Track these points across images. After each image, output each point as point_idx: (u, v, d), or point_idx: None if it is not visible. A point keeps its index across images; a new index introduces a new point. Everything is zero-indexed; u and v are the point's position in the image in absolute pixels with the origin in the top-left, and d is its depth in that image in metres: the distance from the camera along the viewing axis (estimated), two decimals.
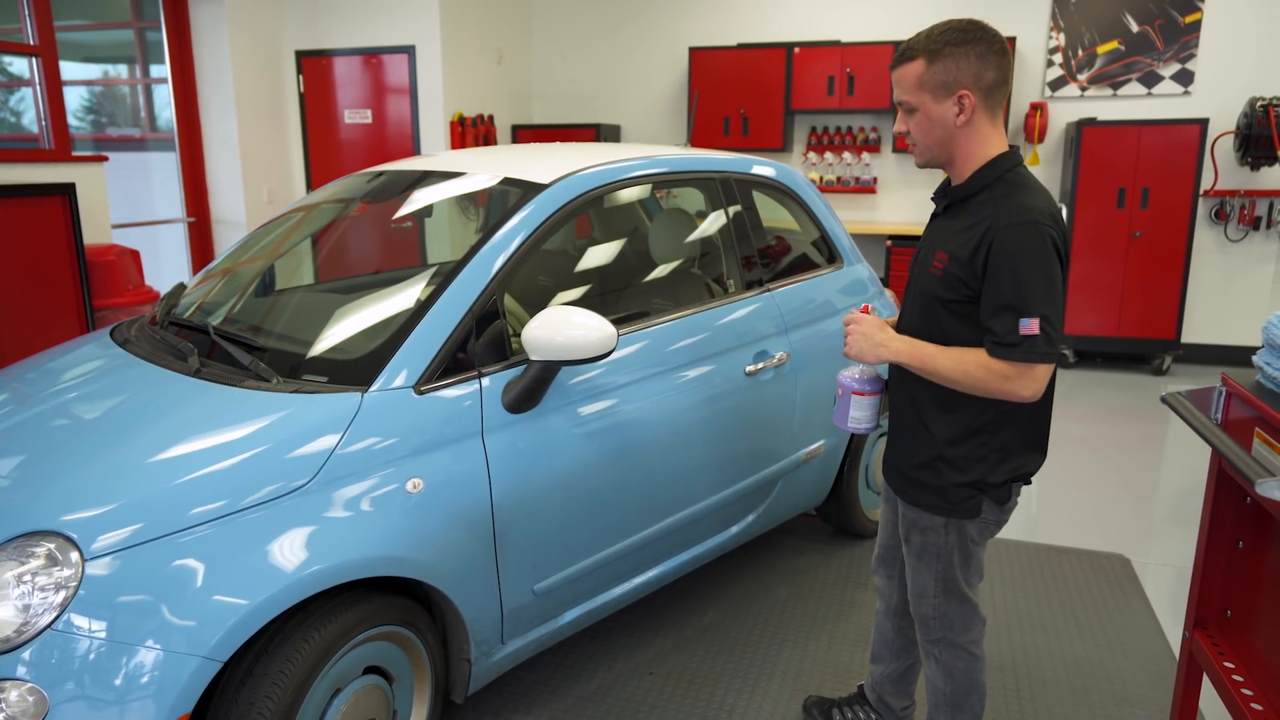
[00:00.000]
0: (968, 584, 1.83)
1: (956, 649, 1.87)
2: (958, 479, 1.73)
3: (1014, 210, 1.60)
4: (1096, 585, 3.02)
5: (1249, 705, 1.51)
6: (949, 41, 1.63)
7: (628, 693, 2.43)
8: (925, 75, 1.65)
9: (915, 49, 1.66)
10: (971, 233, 1.64)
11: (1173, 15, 5.78)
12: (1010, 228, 1.58)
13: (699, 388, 2.48)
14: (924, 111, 1.67)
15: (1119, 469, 4.15)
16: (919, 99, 1.67)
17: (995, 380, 1.59)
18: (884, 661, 2.15)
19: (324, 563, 1.69)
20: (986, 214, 1.63)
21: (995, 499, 1.74)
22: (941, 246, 1.69)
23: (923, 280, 1.75)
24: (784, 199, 3.14)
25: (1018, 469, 1.73)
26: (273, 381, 1.94)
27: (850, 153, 6.61)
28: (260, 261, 2.72)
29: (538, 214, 2.28)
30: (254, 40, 6.21)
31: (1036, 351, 1.55)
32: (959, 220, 1.69)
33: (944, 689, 1.91)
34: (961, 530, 1.77)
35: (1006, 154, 1.69)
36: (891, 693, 2.16)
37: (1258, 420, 1.52)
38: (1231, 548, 1.71)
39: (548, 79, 7.44)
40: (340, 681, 1.81)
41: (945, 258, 1.67)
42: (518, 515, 2.05)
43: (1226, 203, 5.81)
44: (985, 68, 1.63)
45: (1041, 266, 1.56)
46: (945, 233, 1.71)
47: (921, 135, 1.70)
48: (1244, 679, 1.58)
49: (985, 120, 1.67)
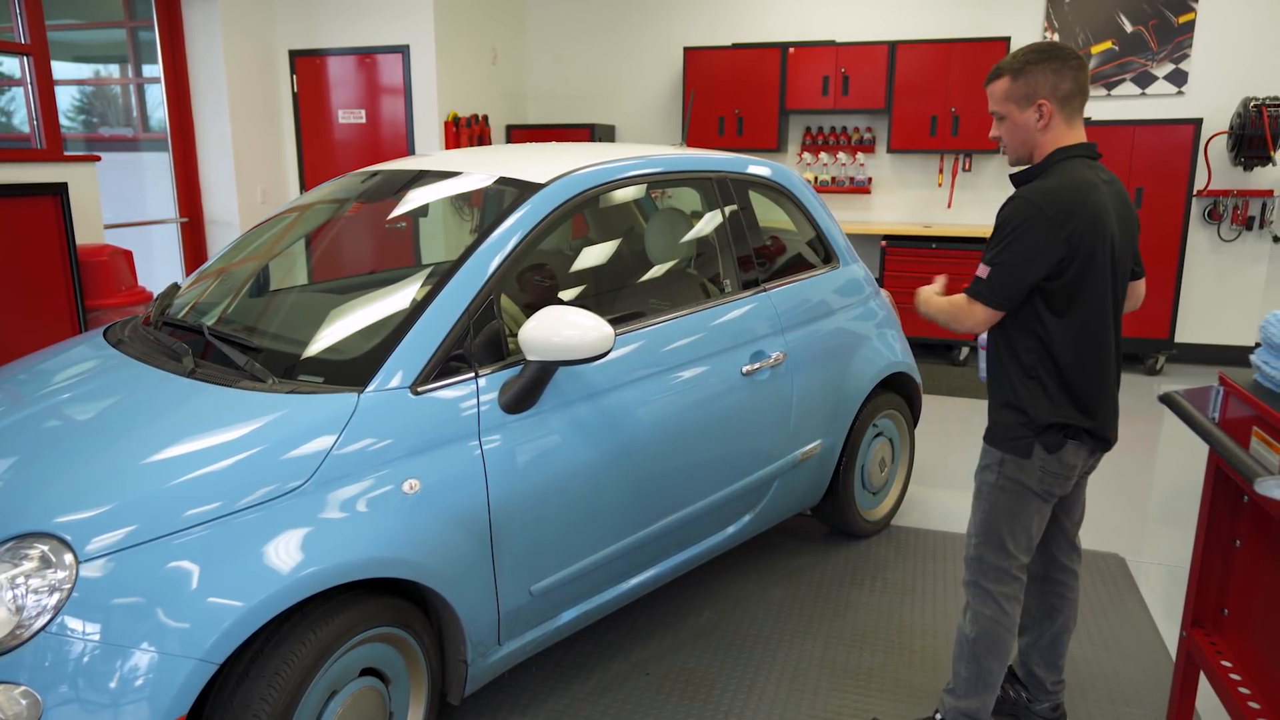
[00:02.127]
0: (1009, 536, 1.97)
1: (986, 595, 2.01)
2: (1016, 418, 1.96)
3: (1028, 190, 1.88)
4: (1092, 584, 3.03)
5: (1246, 704, 1.51)
6: (1029, 60, 1.93)
7: (624, 693, 2.43)
8: (1010, 89, 1.95)
9: (1002, 68, 1.97)
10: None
11: (1166, 15, 5.80)
12: (1010, 200, 1.89)
13: (695, 388, 2.48)
14: (1011, 119, 1.97)
15: (1114, 468, 4.15)
16: (1006, 109, 1.97)
17: (952, 313, 1.97)
18: (1028, 631, 2.23)
19: (320, 564, 1.68)
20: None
21: (1045, 445, 1.92)
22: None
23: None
24: (780, 199, 3.14)
25: (1065, 419, 1.91)
26: (268, 382, 1.93)
27: (845, 153, 6.61)
28: (255, 262, 2.70)
29: (534, 214, 2.27)
30: (247, 39, 6.18)
31: (975, 290, 1.91)
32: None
33: (968, 634, 2.05)
34: (1016, 472, 1.95)
35: (1064, 147, 1.93)
36: (1039, 664, 2.22)
37: (1255, 419, 1.52)
38: (1229, 546, 1.71)
39: (542, 79, 7.43)
40: (337, 683, 1.80)
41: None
42: (515, 516, 2.05)
43: (1220, 203, 5.83)
44: (1060, 80, 1.91)
45: (1013, 229, 1.85)
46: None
47: (1010, 138, 1.99)
48: (1241, 677, 1.58)
49: (1062, 123, 1.93)
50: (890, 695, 2.42)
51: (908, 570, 3.12)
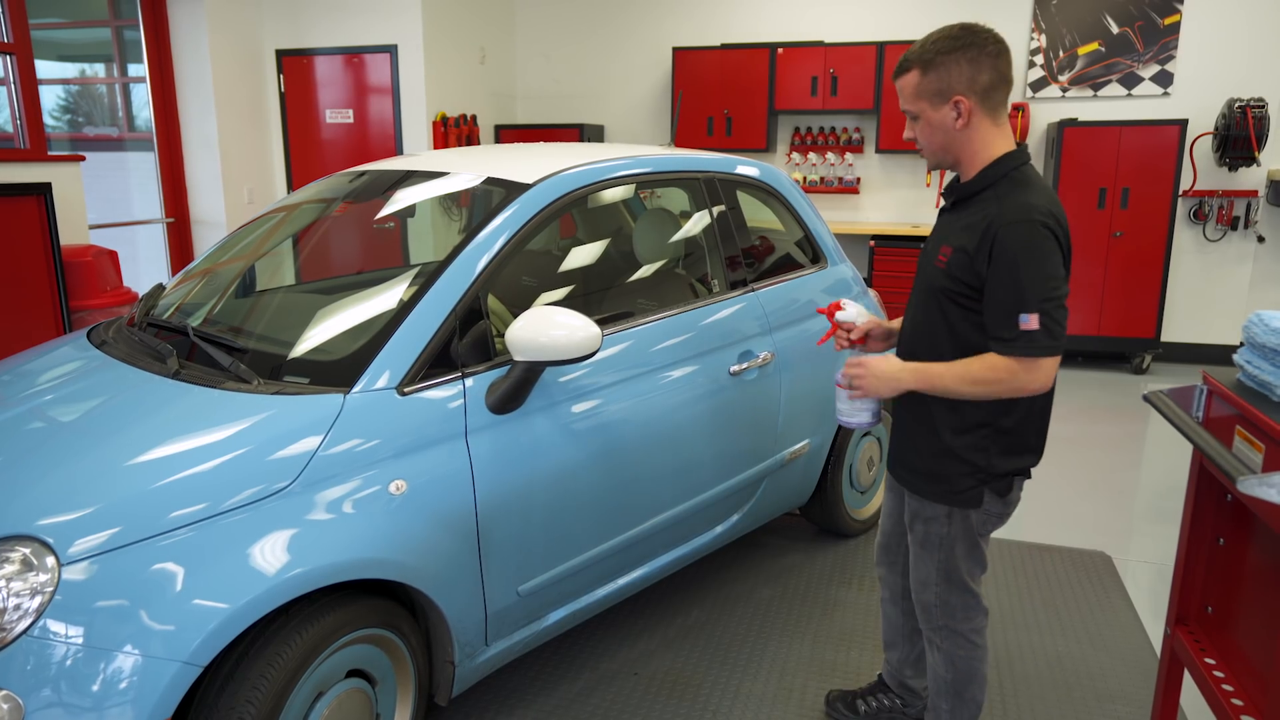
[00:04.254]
0: (969, 574, 1.87)
1: (958, 636, 1.91)
2: (960, 469, 1.78)
3: (1015, 208, 1.64)
4: (1078, 582, 3.04)
5: (1230, 701, 1.52)
6: (940, 50, 1.68)
7: (612, 694, 2.42)
8: (921, 84, 1.71)
9: (910, 60, 1.73)
10: (975, 229, 1.68)
11: (1152, 17, 5.84)
12: (1010, 225, 1.62)
13: (683, 388, 2.48)
14: (925, 118, 1.73)
15: (1100, 467, 4.18)
16: (918, 107, 1.73)
17: (1003, 379, 1.62)
18: (897, 647, 2.21)
19: (306, 566, 1.67)
20: (989, 211, 1.67)
21: (996, 490, 1.79)
22: (946, 241, 1.75)
23: (929, 274, 1.80)
24: (768, 199, 3.14)
25: (1017, 461, 1.78)
26: (253, 383, 1.92)
27: (833, 153, 6.63)
28: (241, 262, 2.69)
29: (521, 214, 2.27)
30: (234, 39, 6.15)
31: (1037, 345, 1.59)
32: (964, 216, 1.74)
33: (945, 676, 1.96)
34: (965, 520, 1.82)
35: (1012, 153, 1.72)
36: (912, 676, 2.21)
37: (1238, 418, 1.53)
38: (1212, 544, 1.72)
39: (531, 79, 7.42)
40: (323, 685, 1.79)
41: (949, 251, 1.72)
42: (502, 516, 2.04)
43: (1205, 203, 5.87)
44: (978, 71, 1.67)
45: (1038, 262, 1.59)
46: (951, 228, 1.76)
47: (926, 140, 1.76)
48: (1225, 674, 1.59)
49: (986, 121, 1.71)
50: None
51: None
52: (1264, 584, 1.51)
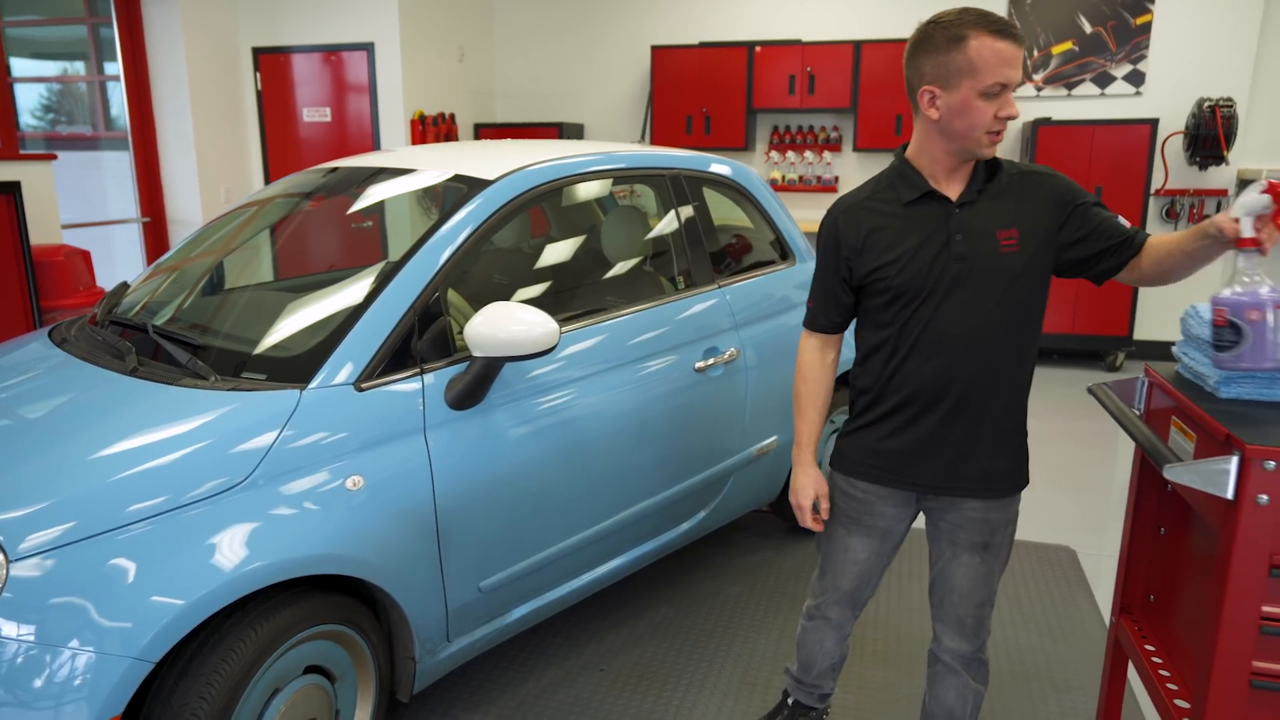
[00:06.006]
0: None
1: (986, 666, 1.87)
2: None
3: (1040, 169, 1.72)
4: (1043, 576, 3.08)
5: (1165, 685, 1.55)
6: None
7: (577, 690, 2.44)
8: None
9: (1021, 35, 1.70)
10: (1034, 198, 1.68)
11: (1124, 17, 5.90)
12: (1056, 176, 1.70)
13: (647, 384, 2.50)
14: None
15: (1069, 463, 4.22)
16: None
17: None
18: (830, 674, 2.08)
19: (260, 561, 1.68)
20: (1029, 180, 1.70)
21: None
22: (1001, 226, 1.66)
23: (990, 266, 1.65)
24: (737, 197, 3.16)
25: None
26: (210, 380, 1.93)
27: (811, 151, 6.66)
28: (206, 260, 2.69)
29: (482, 210, 2.28)
30: (209, 37, 6.13)
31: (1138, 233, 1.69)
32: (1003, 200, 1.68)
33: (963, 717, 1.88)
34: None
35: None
36: (831, 683, 2.12)
37: (1174, 409, 1.57)
38: (1154, 534, 1.75)
39: (510, 77, 7.42)
40: (279, 681, 1.80)
41: (1016, 232, 1.66)
42: (462, 512, 2.05)
43: (1177, 201, 5.93)
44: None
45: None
46: (994, 214, 1.67)
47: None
48: (1163, 661, 1.62)
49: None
50: (841, 686, 2.45)
51: None
52: (1199, 572, 1.54)
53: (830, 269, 1.80)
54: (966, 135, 1.61)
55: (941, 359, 1.68)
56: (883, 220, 1.71)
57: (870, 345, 1.79)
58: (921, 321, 1.69)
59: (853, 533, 1.88)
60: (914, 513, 1.86)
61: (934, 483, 1.76)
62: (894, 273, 1.68)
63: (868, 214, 1.73)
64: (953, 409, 1.70)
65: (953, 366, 1.68)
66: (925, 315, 1.68)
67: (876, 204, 1.74)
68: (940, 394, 1.70)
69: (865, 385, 1.82)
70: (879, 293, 1.72)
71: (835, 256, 1.78)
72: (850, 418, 1.89)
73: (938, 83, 1.60)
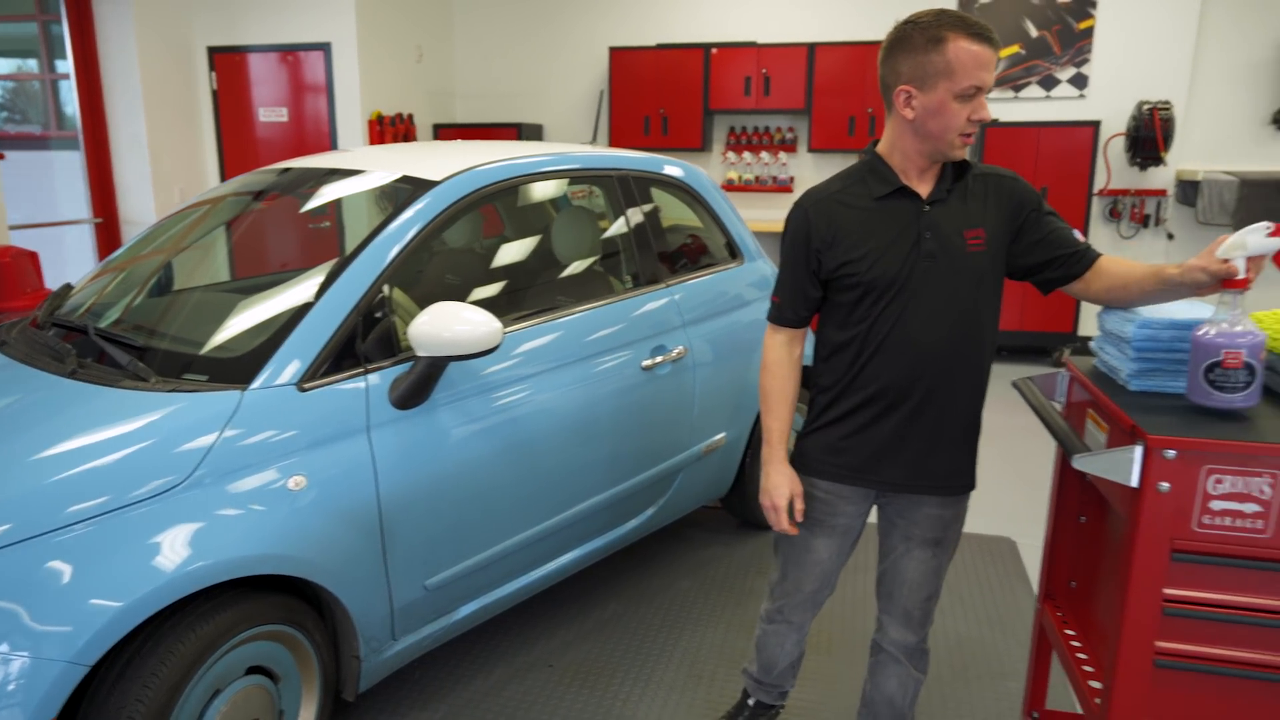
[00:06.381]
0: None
1: (927, 654, 1.94)
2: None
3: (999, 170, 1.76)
4: (983, 567, 3.16)
5: (1081, 668, 1.62)
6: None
7: (525, 686, 2.47)
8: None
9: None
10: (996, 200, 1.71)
11: (1068, 21, 6.04)
12: (1017, 180, 1.74)
13: (595, 382, 2.53)
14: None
15: (1013, 457, 4.33)
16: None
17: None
18: (790, 671, 2.11)
19: (200, 562, 1.69)
20: (991, 182, 1.72)
21: None
22: (968, 226, 1.69)
23: (957, 265, 1.68)
24: (687, 198, 3.20)
25: None
26: (150, 381, 1.93)
27: (768, 152, 6.73)
28: (153, 260, 2.67)
29: (428, 210, 2.30)
30: (163, 35, 6.05)
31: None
32: (970, 200, 1.71)
33: (902, 709, 1.94)
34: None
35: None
36: (791, 680, 2.14)
37: (1090, 402, 1.63)
38: (1075, 523, 1.82)
39: (469, 78, 7.41)
40: (220, 682, 1.80)
41: (983, 232, 1.69)
42: (406, 511, 2.07)
43: (1119, 201, 6.10)
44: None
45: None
46: (961, 214, 1.70)
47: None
48: (1081, 644, 1.69)
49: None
50: None
51: None
52: (1114, 558, 1.60)
53: (799, 262, 1.76)
54: (940, 136, 1.63)
55: (908, 357, 1.69)
56: (854, 214, 1.71)
57: (836, 343, 1.77)
58: (890, 319, 1.69)
59: (815, 534, 1.87)
60: (870, 508, 1.88)
61: (896, 480, 1.77)
62: (864, 268, 1.68)
63: (839, 207, 1.72)
64: (917, 407, 1.72)
65: (919, 365, 1.69)
66: (894, 313, 1.69)
67: (848, 198, 1.73)
68: (905, 392, 1.71)
69: (828, 383, 1.80)
70: (848, 288, 1.71)
71: (805, 249, 1.74)
72: (811, 416, 1.86)
73: (914, 83, 1.61)
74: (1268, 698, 1.38)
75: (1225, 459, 1.32)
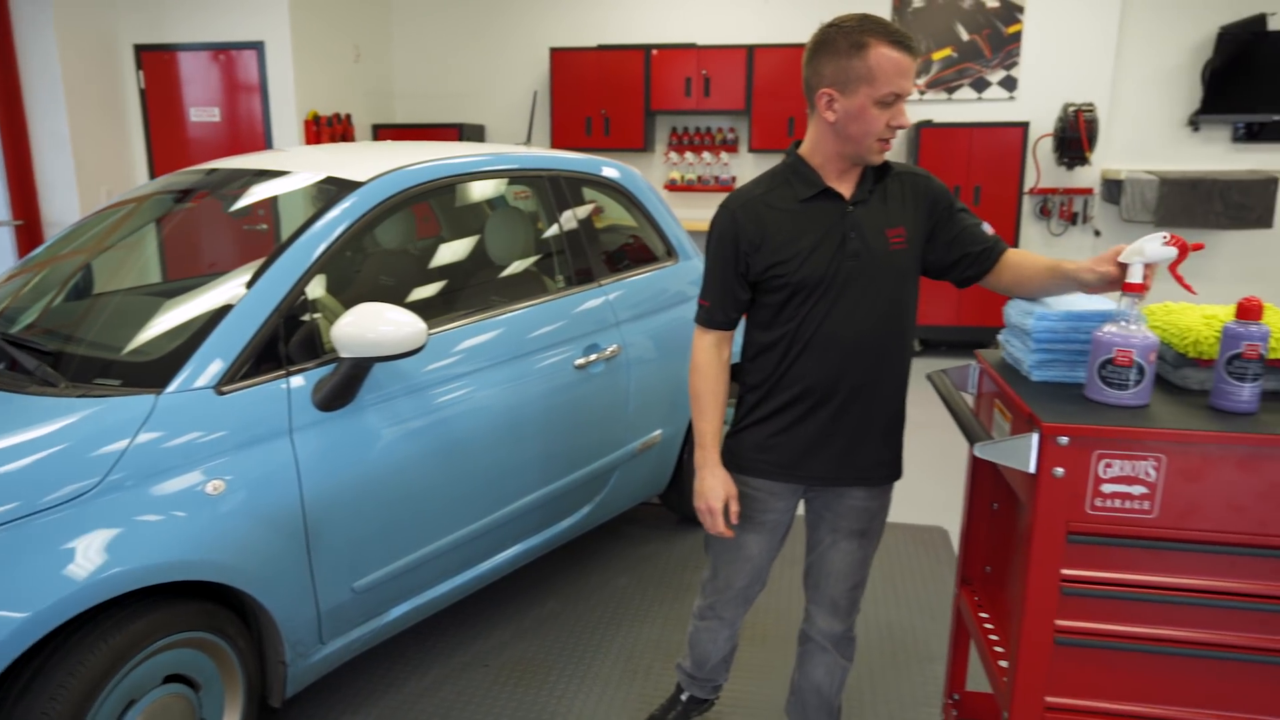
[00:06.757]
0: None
1: (854, 641, 1.98)
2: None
3: (912, 168, 1.81)
4: (915, 556, 3.24)
5: (993, 649, 1.67)
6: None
7: (460, 686, 2.46)
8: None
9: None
10: (907, 200, 1.75)
11: (997, 25, 6.21)
12: (930, 178, 1.80)
13: (526, 381, 2.53)
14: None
15: (945, 448, 4.43)
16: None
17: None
18: (723, 665, 2.14)
19: (111, 569, 1.65)
20: (904, 182, 1.76)
21: None
22: (889, 225, 1.73)
23: (884, 261, 1.72)
24: (621, 198, 3.22)
25: None
26: (59, 386, 1.88)
27: (710, 152, 6.79)
28: (71, 262, 2.60)
29: (352, 211, 2.28)
30: (85, 32, 5.87)
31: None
32: (882, 201, 1.74)
33: (830, 697, 1.99)
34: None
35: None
36: (724, 674, 2.17)
37: (996, 393, 1.69)
38: (988, 510, 1.88)
39: (409, 78, 7.34)
40: (135, 692, 1.76)
41: (903, 230, 1.74)
42: (332, 514, 2.05)
43: (1048, 200, 6.29)
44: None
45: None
46: (883, 214, 1.73)
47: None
48: (994, 627, 1.74)
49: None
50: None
51: None
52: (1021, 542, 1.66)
53: (727, 265, 1.76)
54: (859, 140, 1.65)
55: (835, 355, 1.73)
56: (780, 217, 1.72)
57: (763, 343, 1.79)
58: (817, 318, 1.72)
59: (746, 531, 1.89)
60: (798, 502, 1.91)
61: (825, 474, 1.81)
62: (793, 269, 1.70)
63: (765, 209, 1.73)
64: (844, 403, 1.75)
65: (845, 362, 1.73)
66: (821, 312, 1.72)
67: (773, 200, 1.74)
68: (832, 389, 1.74)
69: (756, 382, 1.82)
70: (776, 289, 1.73)
71: (733, 252, 1.75)
72: (740, 414, 1.88)
73: (836, 86, 1.63)
74: (1160, 670, 1.44)
75: (1113, 444, 1.37)
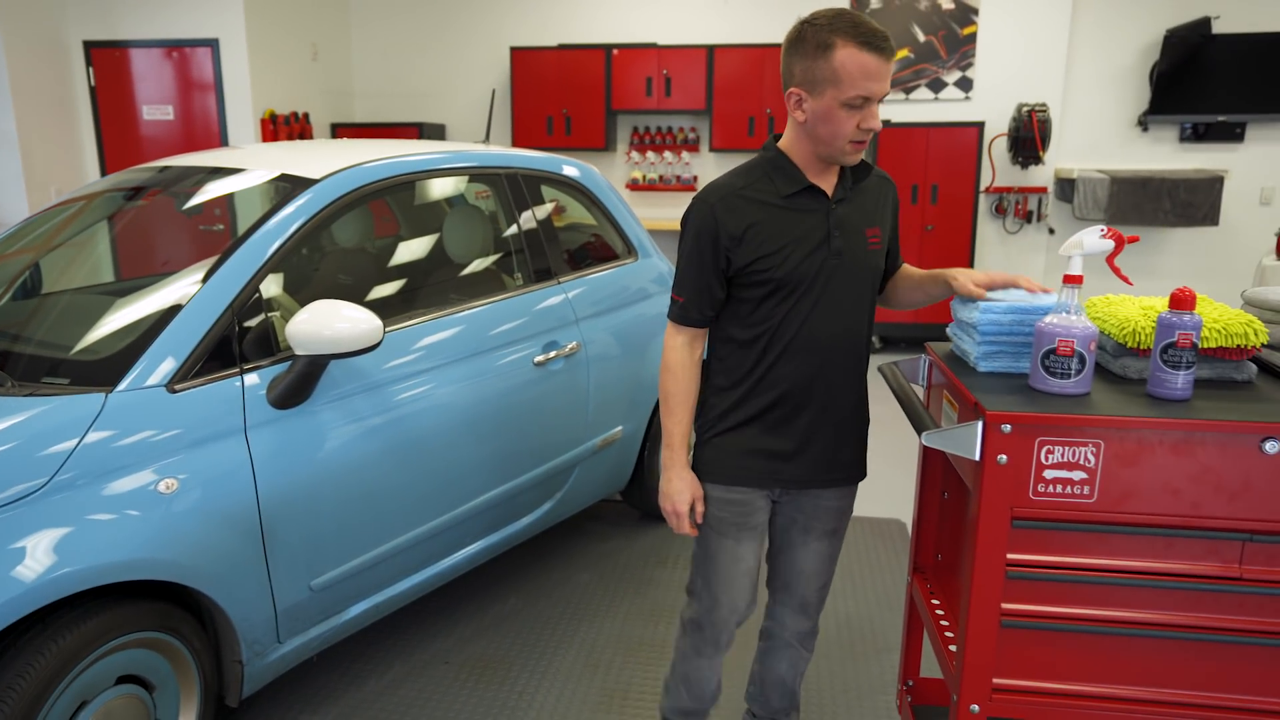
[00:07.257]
0: None
1: (816, 634, 1.99)
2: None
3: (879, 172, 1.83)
4: (874, 548, 3.29)
5: (944, 634, 1.71)
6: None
7: (421, 684, 2.45)
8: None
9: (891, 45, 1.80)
10: (878, 201, 1.78)
11: (952, 27, 6.32)
12: (892, 183, 1.85)
13: (485, 379, 2.53)
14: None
15: (898, 440, 4.51)
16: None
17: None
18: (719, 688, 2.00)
19: (60, 570, 1.63)
20: (877, 182, 1.79)
21: None
22: (867, 225, 1.73)
23: (861, 261, 1.72)
24: (581, 197, 3.23)
25: None
26: (6, 386, 1.84)
27: (671, 152, 6.83)
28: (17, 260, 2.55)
29: (306, 209, 2.26)
30: (31, 28, 5.75)
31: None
32: (861, 199, 1.75)
33: (793, 687, 2.00)
34: None
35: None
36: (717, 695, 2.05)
37: (945, 384, 1.73)
38: (939, 499, 1.93)
39: (368, 77, 7.27)
40: (87, 693, 1.74)
41: (878, 230, 1.75)
42: (288, 511, 2.04)
43: (1004, 198, 6.41)
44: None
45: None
46: (861, 213, 1.74)
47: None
48: (944, 613, 1.78)
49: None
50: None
51: None
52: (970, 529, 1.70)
53: (706, 260, 1.68)
54: (829, 142, 1.62)
55: (815, 355, 1.70)
56: (763, 211, 1.66)
57: (738, 340, 1.73)
58: (799, 317, 1.68)
59: (741, 540, 1.80)
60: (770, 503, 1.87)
61: (806, 477, 1.77)
62: (776, 264, 1.65)
63: (747, 204, 1.67)
64: (823, 404, 1.72)
65: (823, 363, 1.70)
66: (803, 311, 1.68)
67: (754, 193, 1.68)
68: (811, 390, 1.71)
69: (728, 383, 1.75)
70: (756, 284, 1.67)
71: (713, 247, 1.67)
72: (712, 418, 1.79)
73: (804, 87, 1.59)
74: (1101, 649, 1.49)
75: (1054, 431, 1.42)
